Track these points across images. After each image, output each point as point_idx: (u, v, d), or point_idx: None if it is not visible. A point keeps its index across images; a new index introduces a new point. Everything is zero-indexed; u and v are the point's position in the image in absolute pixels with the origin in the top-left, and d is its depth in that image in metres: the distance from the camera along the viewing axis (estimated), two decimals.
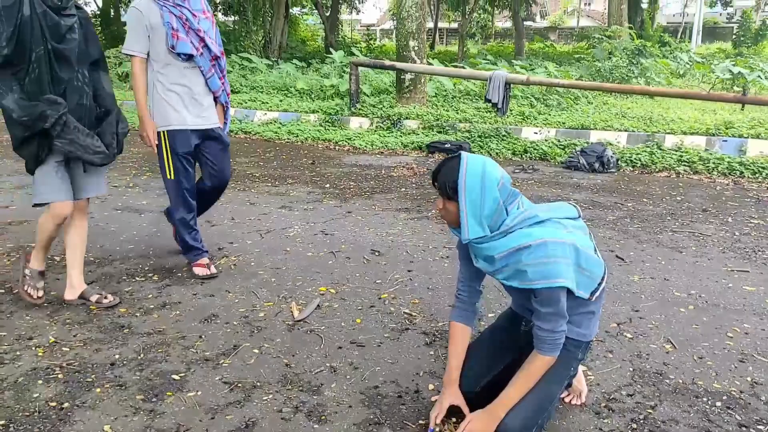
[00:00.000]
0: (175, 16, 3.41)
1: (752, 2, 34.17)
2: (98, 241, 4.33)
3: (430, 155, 7.92)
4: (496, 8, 27.02)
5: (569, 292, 2.11)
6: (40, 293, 3.28)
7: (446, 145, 8.02)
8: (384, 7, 50.58)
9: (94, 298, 3.31)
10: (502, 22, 39.91)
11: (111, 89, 3.24)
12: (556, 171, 7.00)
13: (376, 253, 4.17)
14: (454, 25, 37.69)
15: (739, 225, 4.89)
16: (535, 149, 7.82)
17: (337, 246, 4.31)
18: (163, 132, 3.53)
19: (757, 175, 6.50)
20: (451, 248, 4.27)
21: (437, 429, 2.22)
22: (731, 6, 27.93)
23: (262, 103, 10.97)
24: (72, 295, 3.34)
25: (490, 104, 8.47)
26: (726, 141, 7.41)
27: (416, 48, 10.01)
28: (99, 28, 26.68)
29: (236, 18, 19.24)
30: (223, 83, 3.70)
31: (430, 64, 11.84)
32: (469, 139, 8.33)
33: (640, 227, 4.82)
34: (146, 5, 3.39)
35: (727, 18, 32.54)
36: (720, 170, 6.69)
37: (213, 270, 3.75)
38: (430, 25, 29.06)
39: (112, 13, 25.78)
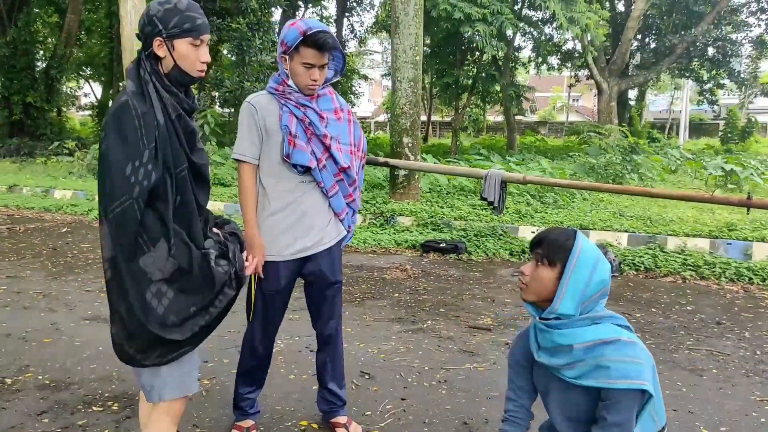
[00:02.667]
0: (297, 118, 2.73)
1: (736, 100, 35.13)
2: (58, 359, 3.92)
3: (424, 255, 7.61)
4: (487, 104, 27.54)
5: None
6: None
7: (441, 245, 7.73)
8: (378, 101, 51.84)
9: None
10: (494, 116, 40.77)
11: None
12: None
13: (366, 376, 3.76)
14: (447, 119, 38.45)
15: (758, 342, 4.53)
16: None
17: None
18: None
19: (767, 282, 6.19)
20: (449, 370, 3.87)
21: None
22: (717, 104, 28.59)
23: None
24: None
25: (486, 202, 8.26)
26: (731, 244, 7.16)
27: (410, 144, 9.91)
28: (96, 119, 27.04)
29: (232, 110, 19.41)
30: (352, 199, 2.94)
31: (423, 159, 11.76)
32: (465, 237, 8.06)
33: (654, 343, 4.44)
34: (263, 101, 2.75)
35: (713, 114, 33.33)
36: (728, 276, 6.37)
37: None
38: (424, 118, 29.57)
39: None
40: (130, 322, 1.97)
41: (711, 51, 24.40)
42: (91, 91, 35.58)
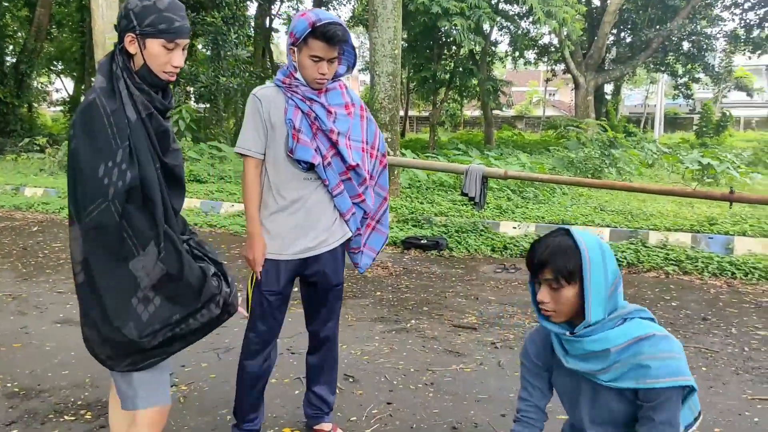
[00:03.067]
0: (302, 111, 2.58)
1: (711, 95, 35.53)
2: (29, 365, 3.75)
3: (405, 251, 7.51)
4: (464, 98, 27.50)
5: None
6: None
7: (422, 241, 7.63)
8: None
9: None
10: (471, 110, 40.80)
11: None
12: None
13: (350, 379, 3.65)
14: (424, 114, 38.40)
15: (746, 338, 4.49)
16: (515, 245, 7.46)
17: (304, 370, 3.77)
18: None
19: (749, 276, 6.17)
20: (435, 371, 3.77)
21: None
22: (692, 98, 28.87)
23: (230, 194, 10.56)
24: None
25: (467, 198, 8.17)
26: (712, 238, 7.15)
27: (389, 139, 9.78)
28: (68, 115, 26.49)
29: (207, 106, 19.10)
30: (362, 200, 2.76)
31: (403, 154, 11.66)
32: (446, 233, 7.96)
33: None
34: (270, 95, 2.61)
35: (688, 109, 33.68)
36: (710, 270, 6.35)
37: None
38: (402, 113, 29.44)
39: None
40: (104, 327, 1.88)
41: (686, 45, 24.60)
42: (62, 86, 34.91)
